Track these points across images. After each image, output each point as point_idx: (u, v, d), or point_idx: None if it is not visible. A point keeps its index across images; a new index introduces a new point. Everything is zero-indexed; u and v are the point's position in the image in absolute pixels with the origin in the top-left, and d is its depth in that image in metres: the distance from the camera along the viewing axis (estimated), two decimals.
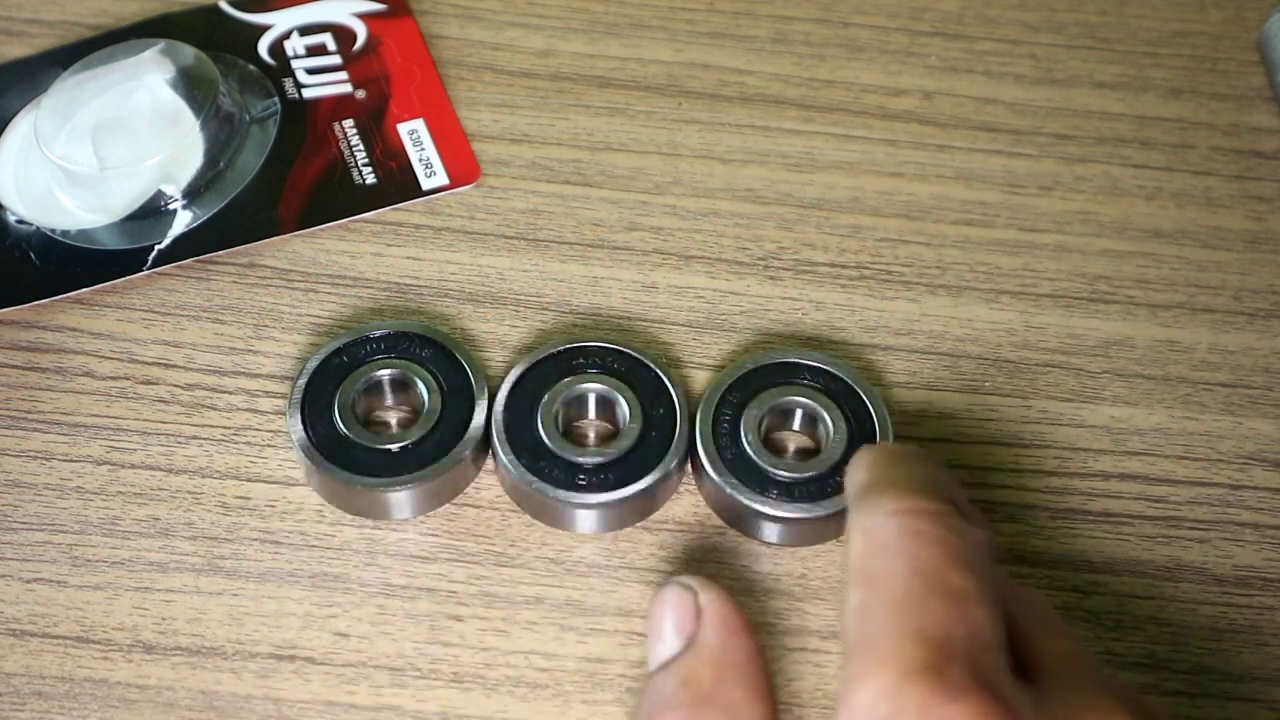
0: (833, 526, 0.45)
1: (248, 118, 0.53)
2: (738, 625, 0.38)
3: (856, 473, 0.38)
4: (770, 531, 0.45)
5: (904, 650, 0.33)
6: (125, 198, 0.51)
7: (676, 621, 0.38)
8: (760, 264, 0.51)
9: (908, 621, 0.33)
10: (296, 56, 0.55)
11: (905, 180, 0.54)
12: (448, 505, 0.46)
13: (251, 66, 0.55)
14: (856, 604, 0.34)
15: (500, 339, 0.49)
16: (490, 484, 0.47)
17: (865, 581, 0.35)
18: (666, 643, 0.38)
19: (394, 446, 0.45)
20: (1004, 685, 0.33)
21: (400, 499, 0.45)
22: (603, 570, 0.45)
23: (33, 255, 0.50)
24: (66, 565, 0.45)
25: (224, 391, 0.48)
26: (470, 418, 0.46)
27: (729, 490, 0.45)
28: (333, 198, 0.52)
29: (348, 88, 0.55)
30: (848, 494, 0.38)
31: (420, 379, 0.47)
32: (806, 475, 0.45)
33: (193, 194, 0.51)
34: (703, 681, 0.37)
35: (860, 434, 0.46)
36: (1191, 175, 0.54)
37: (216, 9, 0.57)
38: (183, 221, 0.51)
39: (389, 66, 0.55)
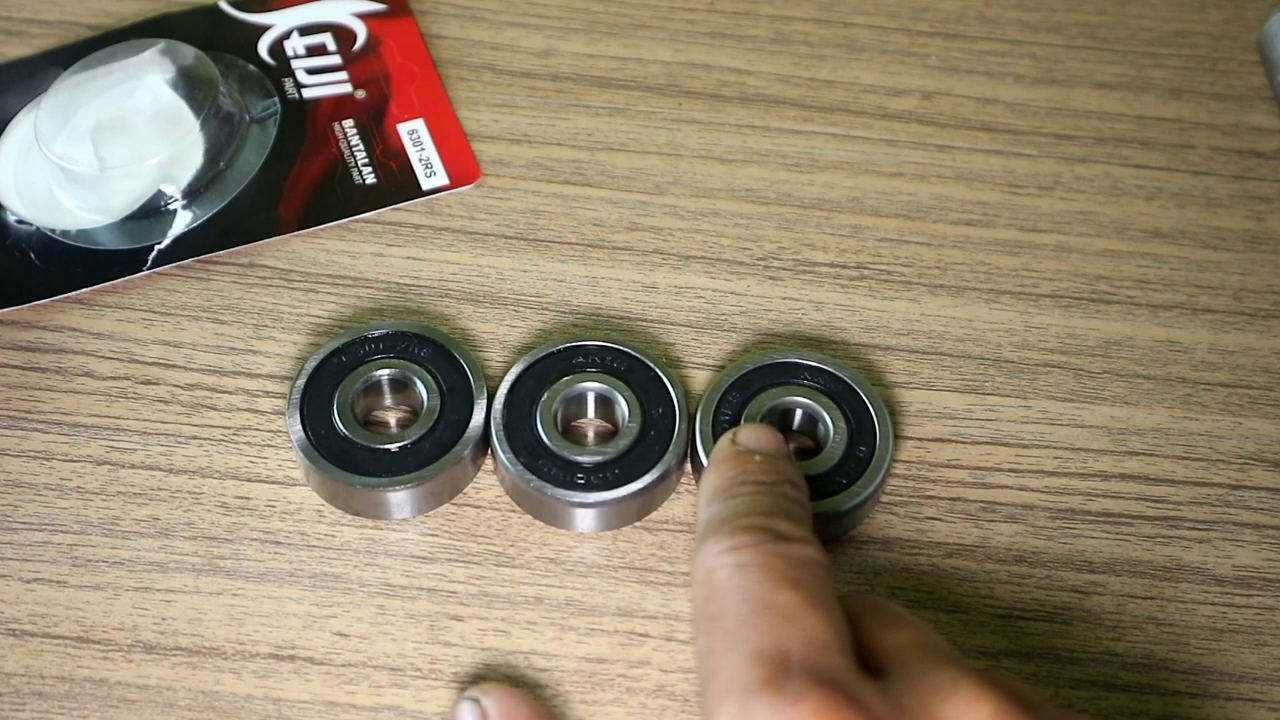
0: (833, 526, 0.45)
1: (248, 118, 0.53)
2: (523, 713, 0.41)
3: (700, 508, 0.41)
4: None
5: (742, 674, 0.35)
6: (125, 198, 0.51)
7: None
8: (760, 264, 0.51)
9: (742, 646, 0.35)
10: (296, 56, 0.55)
11: (905, 180, 0.54)
12: (447, 505, 0.46)
13: (251, 66, 0.55)
14: (702, 648, 0.36)
15: (500, 339, 0.49)
16: (490, 484, 0.47)
17: (706, 624, 0.37)
18: None
19: (393, 446, 0.45)
20: (848, 681, 0.34)
21: (400, 499, 0.45)
22: (602, 570, 0.45)
23: (33, 255, 0.50)
24: (66, 565, 0.45)
25: (224, 391, 0.48)
26: (469, 417, 0.46)
27: None
28: (333, 198, 0.52)
29: (348, 88, 0.55)
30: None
31: (419, 379, 0.47)
32: (807, 475, 0.45)
33: (193, 194, 0.51)
34: None
35: (860, 434, 0.46)
36: (1191, 175, 0.54)
37: (216, 9, 0.57)
38: (183, 221, 0.51)
39: (389, 66, 0.55)
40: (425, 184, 0.52)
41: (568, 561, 0.45)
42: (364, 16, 0.57)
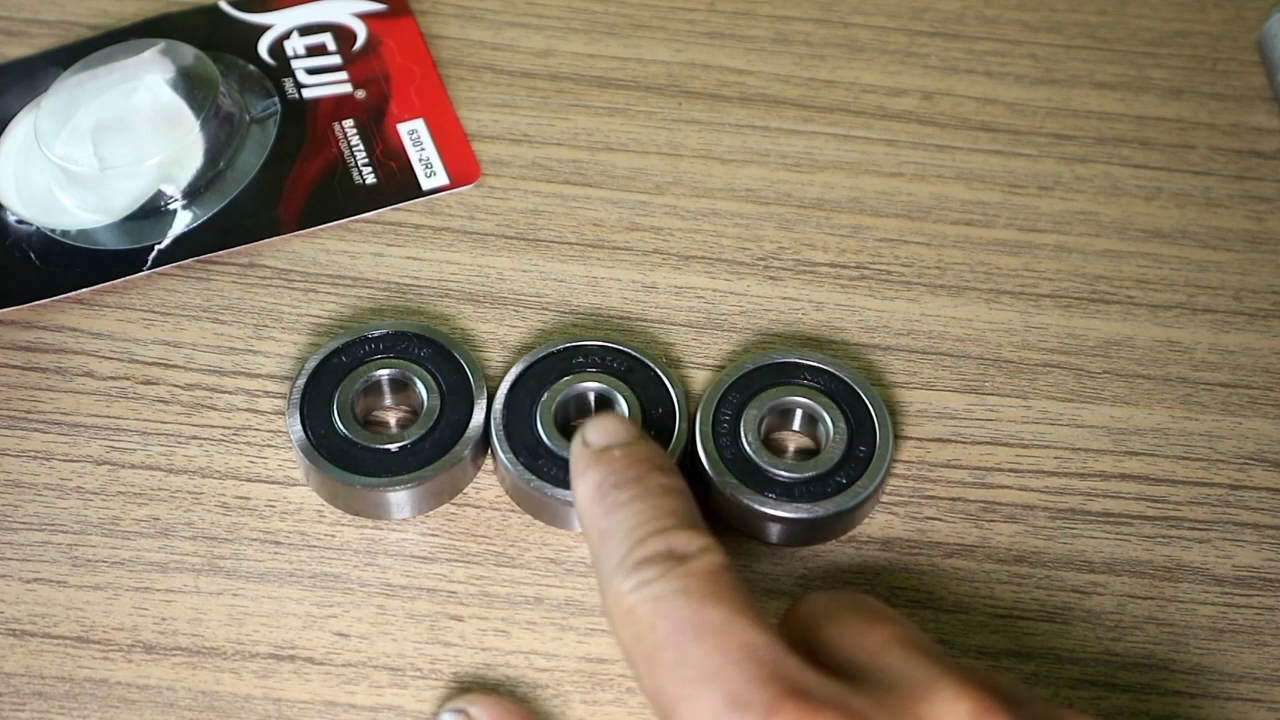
0: (833, 526, 0.45)
1: (248, 118, 0.53)
2: None
3: (583, 522, 0.40)
4: (770, 531, 0.45)
5: (705, 705, 0.34)
6: (125, 198, 0.51)
7: None
8: (760, 264, 0.51)
9: (693, 677, 0.35)
10: (296, 56, 0.55)
11: (905, 180, 0.54)
12: (447, 505, 0.46)
13: (251, 66, 0.55)
14: (650, 689, 0.36)
15: (500, 339, 0.49)
16: (490, 484, 0.47)
17: (645, 666, 0.36)
18: None
19: (393, 446, 0.45)
20: (809, 683, 0.34)
21: (400, 499, 0.45)
22: None
23: (33, 255, 0.50)
24: (66, 565, 0.45)
25: (224, 391, 0.48)
26: (469, 417, 0.46)
27: (729, 490, 0.45)
28: (333, 198, 0.52)
29: (348, 88, 0.55)
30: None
31: (419, 379, 0.47)
32: (806, 475, 0.45)
33: (193, 194, 0.51)
34: None
35: (860, 434, 0.46)
36: (1191, 175, 0.54)
37: (216, 9, 0.57)
38: (183, 221, 0.51)
39: (389, 66, 0.55)
40: (425, 184, 0.52)
41: (568, 561, 0.45)
42: (364, 16, 0.57)
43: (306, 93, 0.55)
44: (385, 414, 0.48)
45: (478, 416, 0.46)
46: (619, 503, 0.39)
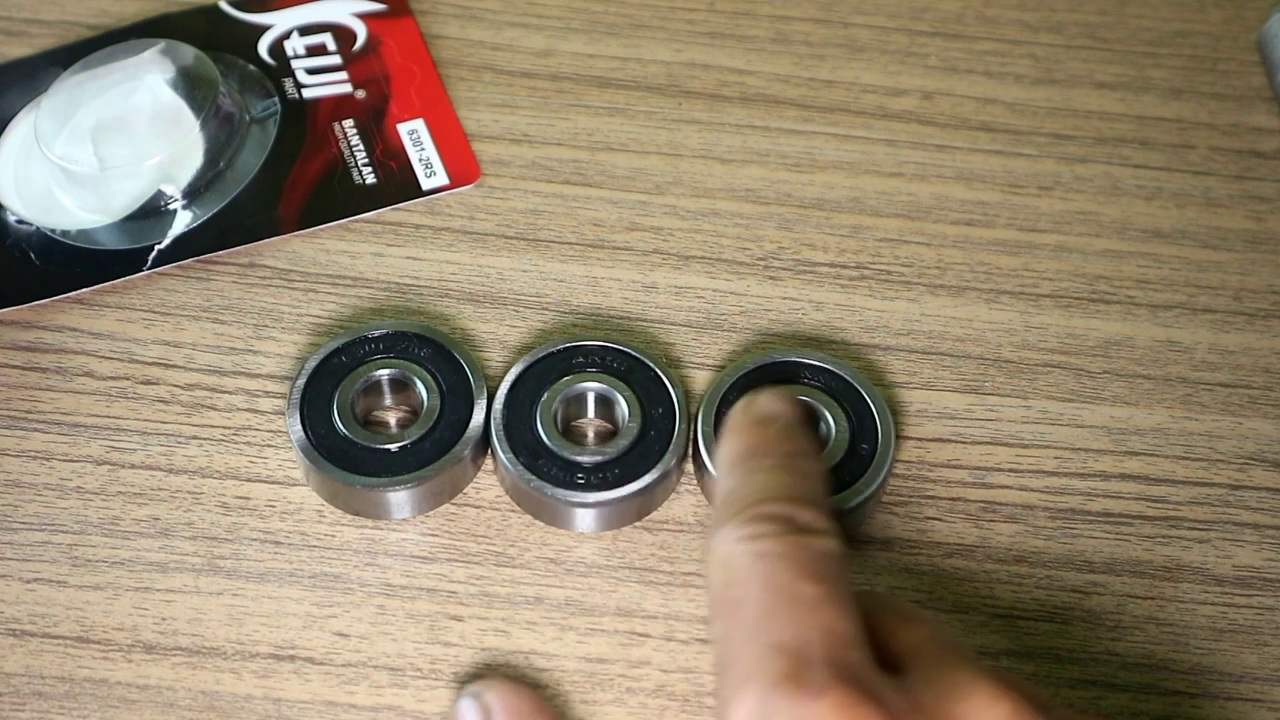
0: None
1: (248, 118, 0.53)
2: (525, 711, 0.41)
3: (718, 475, 0.41)
4: None
5: (764, 665, 0.34)
6: (125, 198, 0.51)
7: None
8: (760, 264, 0.51)
9: (764, 637, 0.35)
10: (296, 56, 0.55)
11: (905, 180, 0.54)
12: (447, 505, 0.46)
13: (251, 66, 0.55)
14: (721, 633, 0.36)
15: (500, 339, 0.49)
16: (490, 484, 0.47)
17: (725, 610, 0.36)
18: None
19: (393, 446, 0.45)
20: (867, 678, 0.34)
21: (400, 499, 0.45)
22: (602, 570, 0.45)
23: (33, 255, 0.50)
24: (66, 565, 0.45)
25: (224, 391, 0.48)
26: (469, 417, 0.46)
27: None
28: (333, 198, 0.52)
29: (348, 88, 0.55)
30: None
31: (419, 379, 0.47)
32: None
33: (193, 194, 0.51)
34: None
35: (862, 432, 0.46)
36: (1191, 175, 0.54)
37: (216, 9, 0.57)
38: (183, 221, 0.51)
39: (389, 66, 0.55)
40: (425, 184, 0.52)
41: (568, 561, 0.45)
42: (364, 16, 0.57)
43: (306, 93, 0.55)
44: (385, 414, 0.48)
45: (478, 416, 0.46)
46: (760, 467, 0.40)
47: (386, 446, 0.45)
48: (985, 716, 0.34)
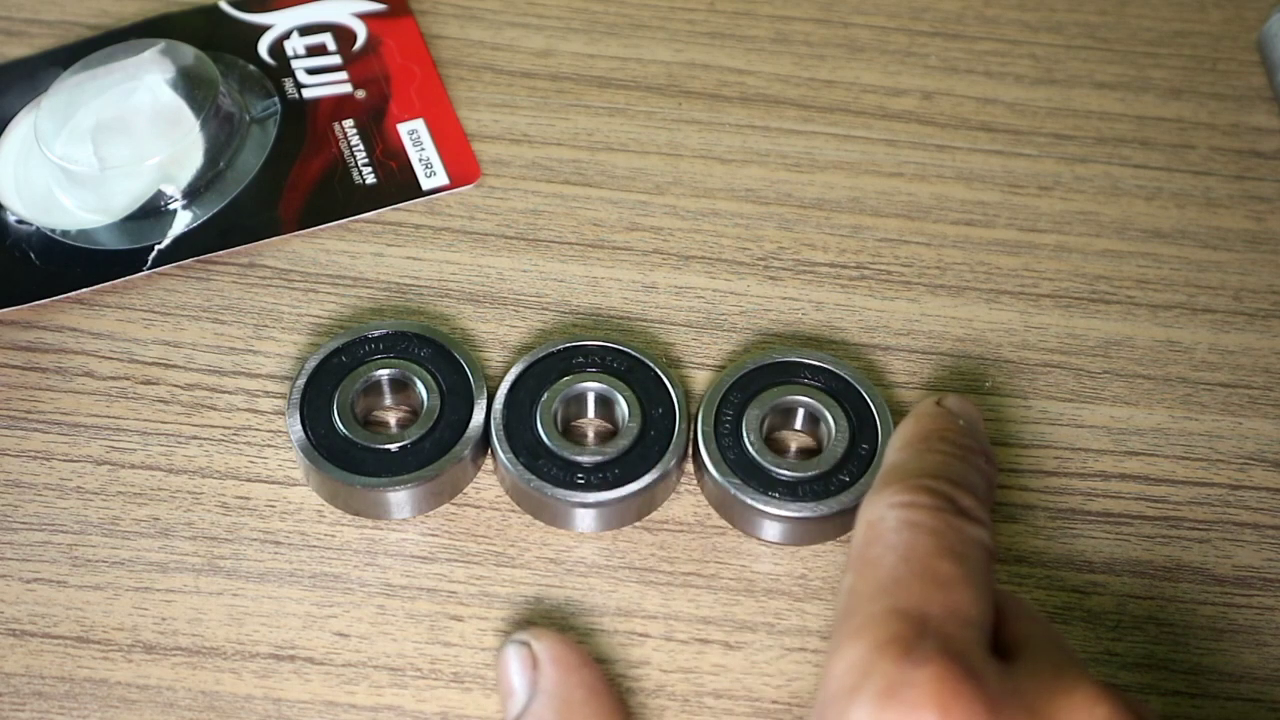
0: (834, 526, 0.45)
1: (248, 118, 0.53)
2: (573, 663, 0.40)
3: (888, 451, 0.42)
4: (772, 531, 0.45)
5: (878, 625, 0.35)
6: (125, 198, 0.51)
7: (519, 676, 0.40)
8: (760, 264, 0.51)
9: (887, 601, 0.35)
10: (296, 56, 0.55)
11: (905, 180, 0.54)
12: (447, 505, 0.46)
13: (251, 66, 0.55)
14: (848, 586, 0.37)
15: (500, 339, 0.49)
16: (490, 484, 0.47)
17: (859, 566, 0.37)
18: (516, 697, 0.40)
19: (393, 446, 0.45)
20: (975, 657, 0.34)
21: (400, 499, 0.45)
22: (602, 570, 0.45)
23: (33, 255, 0.50)
24: (66, 565, 0.45)
25: (224, 391, 0.48)
26: (469, 417, 0.46)
27: (732, 490, 0.45)
28: (333, 198, 0.52)
29: (348, 88, 0.55)
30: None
31: (419, 379, 0.47)
32: (809, 474, 0.45)
33: (193, 194, 0.51)
34: None
35: (862, 432, 0.46)
36: (1191, 175, 0.54)
37: (216, 9, 0.57)
38: (183, 221, 0.51)
39: (389, 66, 0.55)
40: (425, 184, 0.52)
41: (568, 561, 0.45)
42: (364, 16, 0.57)
43: (306, 93, 0.55)
44: (385, 414, 0.48)
45: (478, 416, 0.46)
46: (934, 449, 0.40)
47: (386, 446, 0.45)
48: (1082, 716, 0.35)
